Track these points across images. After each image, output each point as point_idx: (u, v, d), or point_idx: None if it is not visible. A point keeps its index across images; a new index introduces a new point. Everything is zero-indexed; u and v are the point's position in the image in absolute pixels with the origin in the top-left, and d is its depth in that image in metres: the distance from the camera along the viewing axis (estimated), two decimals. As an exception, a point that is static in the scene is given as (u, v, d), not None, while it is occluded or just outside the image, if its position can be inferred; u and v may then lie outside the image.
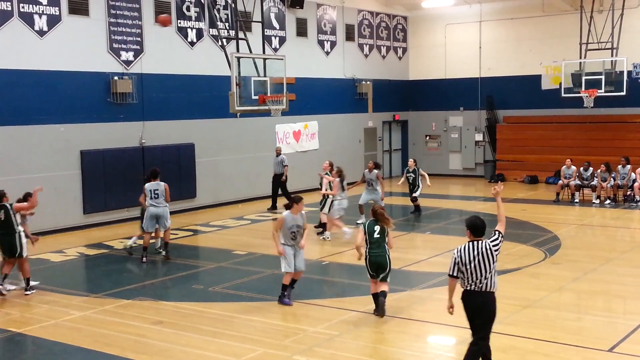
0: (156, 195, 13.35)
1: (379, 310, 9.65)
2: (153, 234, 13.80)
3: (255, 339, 8.85)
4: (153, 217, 13.36)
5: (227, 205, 20.45)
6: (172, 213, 18.71)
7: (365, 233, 9.77)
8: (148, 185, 13.39)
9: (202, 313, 9.98)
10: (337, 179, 15.29)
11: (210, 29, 19.79)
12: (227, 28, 19.71)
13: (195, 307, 10.29)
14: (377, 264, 9.69)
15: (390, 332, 9.08)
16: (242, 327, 9.30)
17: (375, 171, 16.74)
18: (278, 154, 19.94)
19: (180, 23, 19.15)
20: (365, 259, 9.79)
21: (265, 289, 11.31)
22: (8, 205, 11.19)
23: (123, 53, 17.72)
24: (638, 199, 19.53)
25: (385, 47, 27.23)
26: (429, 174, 18.76)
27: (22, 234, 11.24)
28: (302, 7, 22.68)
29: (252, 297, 10.85)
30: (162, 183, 13.50)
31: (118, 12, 17.48)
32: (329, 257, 13.44)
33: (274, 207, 19.56)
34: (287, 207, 10.48)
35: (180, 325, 9.47)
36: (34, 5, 15.88)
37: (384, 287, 9.71)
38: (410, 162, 18.95)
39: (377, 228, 9.73)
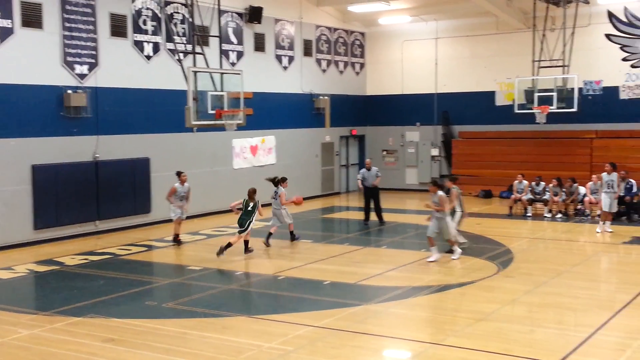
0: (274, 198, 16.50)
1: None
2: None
3: (209, 355, 8.74)
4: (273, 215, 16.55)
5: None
6: (125, 228, 18.74)
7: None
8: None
9: (155, 330, 9.83)
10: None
11: (167, 43, 19.67)
12: (184, 42, 19.61)
13: (148, 324, 10.12)
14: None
15: (345, 346, 9.06)
16: (196, 344, 9.18)
17: (439, 193, 14.11)
18: (369, 167, 19.38)
19: (136, 37, 18.97)
20: None
21: (220, 305, 11.20)
22: None
23: (77, 66, 17.46)
24: (588, 213, 19.96)
25: (342, 63, 27.42)
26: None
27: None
28: (260, 22, 22.71)
29: (206, 313, 10.73)
30: (278, 189, 16.41)
31: (73, 25, 17.24)
32: (284, 272, 13.39)
33: (367, 220, 19.23)
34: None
35: (133, 343, 9.30)
36: (-15, 17, 15.57)
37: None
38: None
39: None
